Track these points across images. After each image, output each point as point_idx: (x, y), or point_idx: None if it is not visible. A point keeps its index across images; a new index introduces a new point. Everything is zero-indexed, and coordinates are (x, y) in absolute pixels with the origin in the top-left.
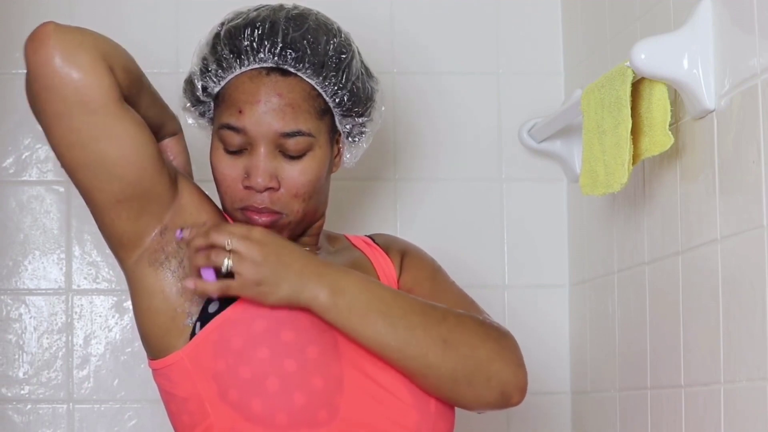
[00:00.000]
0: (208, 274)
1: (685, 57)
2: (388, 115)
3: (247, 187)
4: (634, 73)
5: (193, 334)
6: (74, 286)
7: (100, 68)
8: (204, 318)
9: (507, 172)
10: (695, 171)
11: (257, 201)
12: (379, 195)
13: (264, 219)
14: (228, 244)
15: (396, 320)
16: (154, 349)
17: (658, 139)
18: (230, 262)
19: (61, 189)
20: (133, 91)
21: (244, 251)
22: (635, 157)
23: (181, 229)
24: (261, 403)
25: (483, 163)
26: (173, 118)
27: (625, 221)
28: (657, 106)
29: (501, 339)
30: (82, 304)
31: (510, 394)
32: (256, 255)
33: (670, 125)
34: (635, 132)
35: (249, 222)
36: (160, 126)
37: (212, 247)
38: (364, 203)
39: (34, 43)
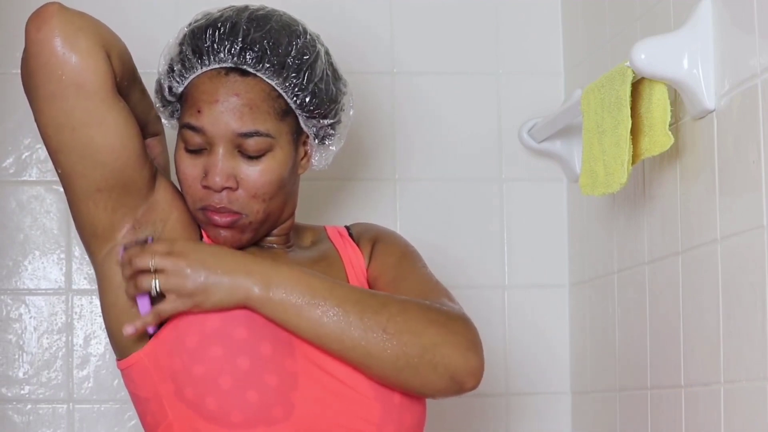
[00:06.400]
0: (143, 302)
1: (685, 57)
2: (388, 115)
3: (205, 187)
4: (634, 73)
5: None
6: (74, 286)
7: (98, 54)
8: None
9: (507, 172)
10: (695, 171)
11: (215, 201)
12: (379, 195)
13: (224, 219)
14: (151, 265)
15: (331, 310)
16: (119, 348)
17: (658, 139)
18: (158, 282)
19: (61, 189)
20: (126, 83)
21: (169, 267)
22: (635, 157)
23: (124, 248)
24: (215, 401)
25: (483, 163)
26: (158, 119)
27: (625, 221)
28: (657, 106)
29: (449, 323)
30: (82, 304)
31: (461, 380)
32: (183, 267)
33: (670, 125)
34: (635, 132)
35: (210, 223)
36: (144, 124)
37: (139, 273)
38: (364, 203)
39: (36, 21)
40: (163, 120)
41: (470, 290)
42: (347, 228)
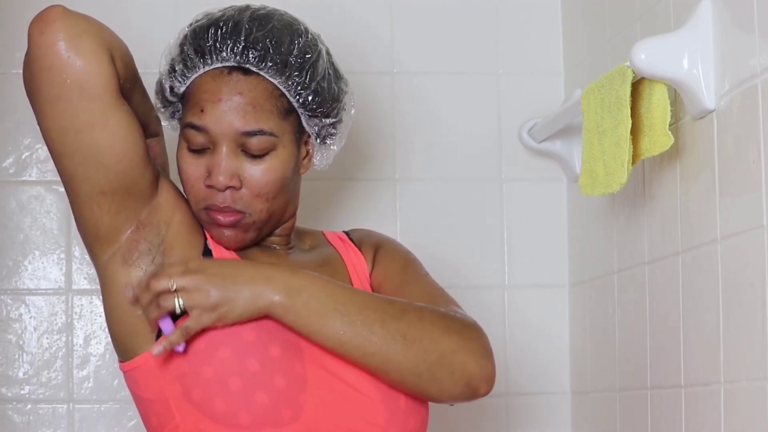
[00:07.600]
0: (166, 324)
1: (685, 57)
2: (388, 115)
3: (209, 186)
4: (634, 73)
5: (159, 335)
6: (74, 286)
7: (102, 56)
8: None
9: (507, 172)
10: (695, 171)
11: (219, 200)
12: (379, 195)
13: (228, 218)
14: (171, 285)
15: (353, 317)
16: (123, 350)
17: (658, 139)
18: (181, 300)
19: (61, 189)
20: (128, 85)
21: (189, 284)
22: (635, 157)
23: (132, 289)
24: (223, 402)
25: (483, 163)
26: (158, 120)
27: (625, 221)
28: (657, 106)
29: (464, 331)
30: (82, 304)
31: (476, 386)
32: (202, 282)
33: (670, 125)
34: (635, 132)
35: (213, 222)
36: (146, 125)
37: (159, 295)
38: (364, 203)
39: (40, 24)
40: (163, 121)
41: (470, 290)
42: (347, 233)
